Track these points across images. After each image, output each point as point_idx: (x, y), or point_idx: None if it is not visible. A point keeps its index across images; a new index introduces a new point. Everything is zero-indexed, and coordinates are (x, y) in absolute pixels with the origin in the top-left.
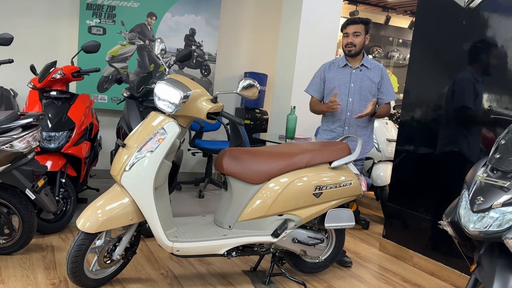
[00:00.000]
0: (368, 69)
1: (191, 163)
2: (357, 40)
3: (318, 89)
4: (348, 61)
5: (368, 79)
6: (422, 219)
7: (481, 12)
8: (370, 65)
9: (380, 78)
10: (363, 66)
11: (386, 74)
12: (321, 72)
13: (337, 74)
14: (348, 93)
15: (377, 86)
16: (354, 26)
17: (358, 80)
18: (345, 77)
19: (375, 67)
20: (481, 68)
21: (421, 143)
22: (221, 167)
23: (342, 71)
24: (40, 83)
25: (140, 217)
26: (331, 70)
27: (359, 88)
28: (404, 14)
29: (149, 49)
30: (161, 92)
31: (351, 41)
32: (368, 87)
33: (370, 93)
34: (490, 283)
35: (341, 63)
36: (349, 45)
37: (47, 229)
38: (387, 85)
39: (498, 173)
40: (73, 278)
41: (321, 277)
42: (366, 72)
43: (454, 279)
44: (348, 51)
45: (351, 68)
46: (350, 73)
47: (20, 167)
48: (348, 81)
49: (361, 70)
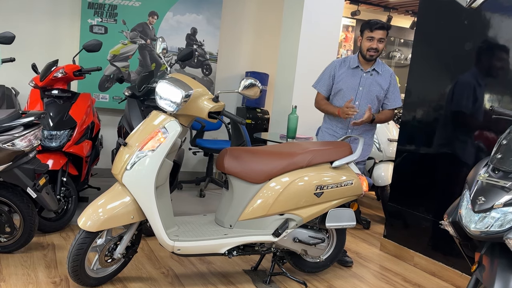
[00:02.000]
0: (379, 74)
1: (192, 162)
2: (381, 46)
3: (327, 86)
4: (360, 63)
5: (377, 84)
6: (423, 219)
7: (482, 12)
8: (381, 70)
9: (389, 84)
10: (374, 71)
11: (395, 80)
12: (331, 69)
13: (347, 75)
14: (356, 96)
15: (385, 92)
16: (382, 32)
17: (368, 84)
18: (355, 80)
19: (385, 72)
20: (483, 68)
21: (422, 143)
22: (222, 167)
23: (353, 73)
24: (42, 82)
25: (141, 216)
26: (341, 69)
27: (367, 92)
28: (405, 14)
29: (150, 48)
30: (163, 91)
31: (376, 47)
32: (377, 92)
33: (378, 98)
34: (491, 283)
35: (352, 63)
36: (373, 50)
37: (48, 228)
38: (394, 91)
39: (500, 173)
40: (74, 277)
41: (322, 276)
42: (376, 77)
43: (455, 279)
44: (370, 56)
45: (362, 71)
46: (360, 76)
47: (21, 165)
48: (357, 84)
49: (371, 75)
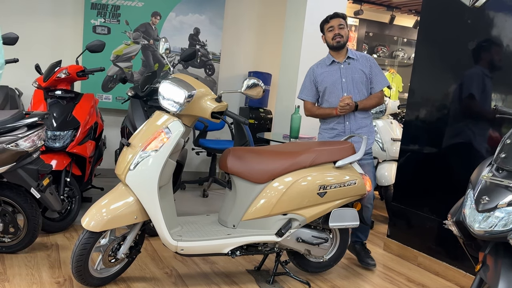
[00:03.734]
0: (355, 60)
1: (195, 162)
2: (343, 31)
3: (311, 93)
4: (334, 57)
5: (358, 70)
6: (426, 218)
7: (486, 11)
8: (355, 56)
9: (370, 68)
10: (349, 59)
11: (374, 63)
12: (310, 75)
13: (326, 72)
14: (342, 89)
15: (368, 77)
16: (337, 19)
17: (349, 73)
18: (335, 74)
19: (361, 57)
20: (486, 67)
21: (425, 143)
22: (225, 167)
23: (331, 68)
24: (45, 83)
25: (145, 216)
26: (319, 70)
27: (351, 81)
28: (408, 13)
29: (153, 49)
30: (166, 91)
31: (338, 32)
32: (360, 79)
33: (363, 84)
34: (495, 283)
35: (327, 61)
36: (337, 36)
37: (52, 228)
38: (377, 73)
39: (504, 173)
40: (77, 277)
41: (325, 276)
42: (354, 64)
43: (459, 279)
44: (337, 42)
45: (339, 63)
46: (338, 68)
47: (25, 166)
48: (339, 76)
49: (349, 64)
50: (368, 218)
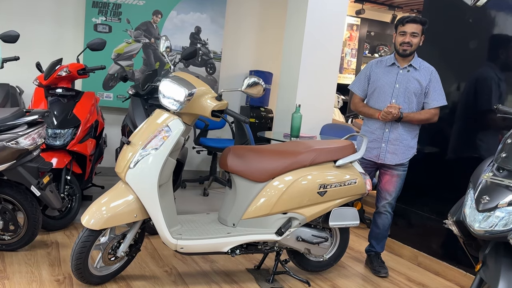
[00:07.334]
0: (416, 70)
1: (195, 161)
2: (415, 40)
3: (363, 87)
4: (396, 60)
5: (415, 80)
6: (427, 218)
7: (487, 10)
8: (419, 66)
9: (429, 81)
10: (411, 67)
11: (436, 77)
12: (367, 69)
13: (383, 72)
14: (392, 94)
15: (424, 90)
16: (414, 26)
17: (405, 81)
18: (391, 77)
19: (424, 68)
20: (488, 66)
21: (426, 142)
22: (225, 165)
23: (389, 70)
24: (46, 81)
25: (145, 214)
26: (377, 68)
27: (404, 89)
28: (410, 12)
29: (154, 47)
30: (166, 89)
31: (408, 40)
32: (414, 89)
33: (416, 95)
34: (495, 283)
35: (388, 61)
36: (406, 44)
37: (52, 226)
38: (436, 88)
39: (504, 172)
40: (77, 275)
41: (325, 275)
42: (413, 73)
43: (459, 278)
44: (403, 50)
45: (399, 67)
46: (396, 73)
47: (25, 164)
48: (393, 81)
49: (408, 71)
50: (386, 228)
